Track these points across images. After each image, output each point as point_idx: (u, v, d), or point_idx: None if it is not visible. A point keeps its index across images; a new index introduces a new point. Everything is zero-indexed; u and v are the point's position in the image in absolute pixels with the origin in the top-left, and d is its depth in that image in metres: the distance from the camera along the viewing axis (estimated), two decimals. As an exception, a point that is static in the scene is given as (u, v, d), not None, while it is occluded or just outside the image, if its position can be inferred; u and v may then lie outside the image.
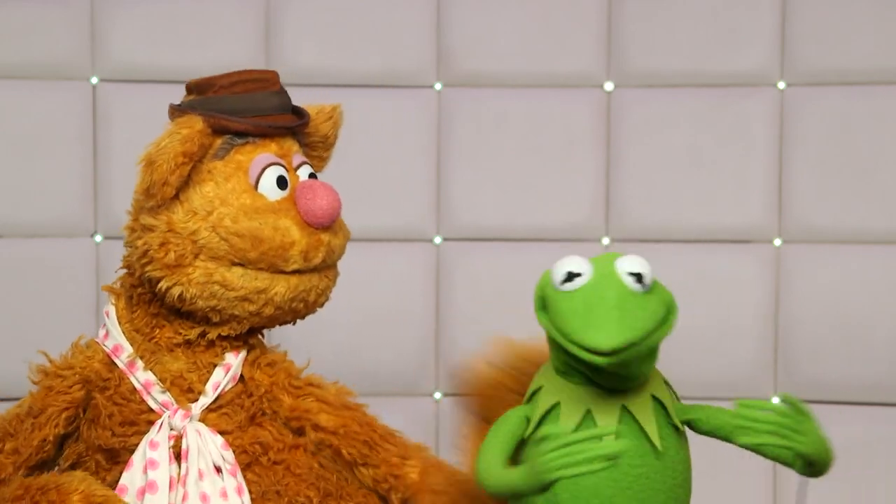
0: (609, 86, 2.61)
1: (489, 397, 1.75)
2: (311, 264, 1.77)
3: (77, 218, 2.60)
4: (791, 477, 1.74)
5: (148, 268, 1.75)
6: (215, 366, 1.80)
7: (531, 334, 2.63)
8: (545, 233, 2.61)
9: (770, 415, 1.54)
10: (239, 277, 1.74)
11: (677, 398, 1.63)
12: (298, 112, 1.85)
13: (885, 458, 2.57)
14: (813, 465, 1.57)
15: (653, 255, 2.60)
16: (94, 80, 2.60)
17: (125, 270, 1.83)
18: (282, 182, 1.77)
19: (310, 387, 1.85)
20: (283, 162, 1.78)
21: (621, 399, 1.56)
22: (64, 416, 1.78)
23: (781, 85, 2.59)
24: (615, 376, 1.55)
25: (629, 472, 1.54)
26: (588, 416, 1.56)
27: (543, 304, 1.59)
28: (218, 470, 1.76)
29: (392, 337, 2.63)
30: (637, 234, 2.61)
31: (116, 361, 1.80)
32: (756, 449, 1.58)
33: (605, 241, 2.61)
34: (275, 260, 1.74)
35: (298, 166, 1.81)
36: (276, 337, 2.63)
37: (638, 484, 1.55)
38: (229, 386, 1.80)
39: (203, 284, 1.74)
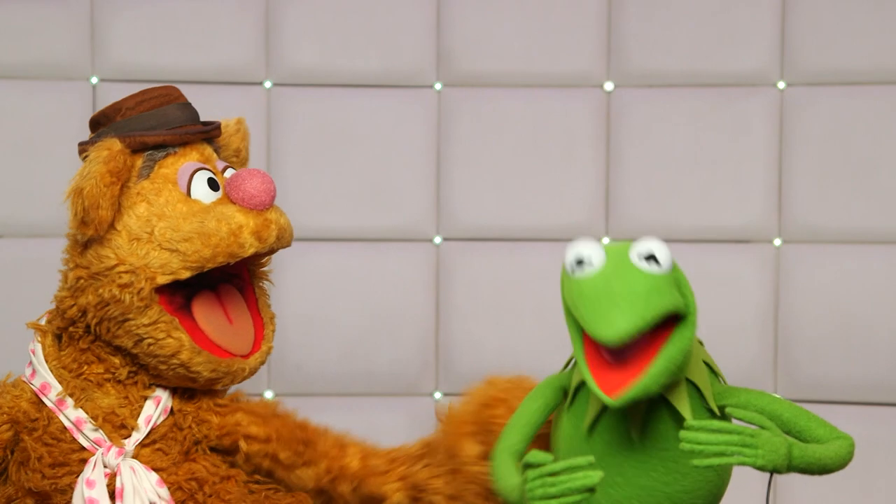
0: (609, 86, 2.61)
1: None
2: (268, 244, 1.73)
3: (77, 218, 2.60)
4: (792, 475, 1.73)
5: (111, 311, 1.72)
6: (146, 399, 1.77)
7: (531, 334, 2.64)
8: (545, 233, 2.61)
9: (717, 435, 1.52)
10: (203, 364, 1.74)
11: (720, 379, 1.63)
12: (207, 123, 1.83)
13: (885, 458, 2.57)
14: (778, 471, 1.55)
15: (653, 255, 2.62)
16: (94, 80, 2.60)
17: (53, 306, 1.80)
18: (213, 184, 1.75)
19: (234, 402, 1.82)
20: (208, 167, 1.77)
21: None
22: None
23: (781, 85, 2.59)
24: None
25: (654, 454, 1.57)
26: None
27: (564, 290, 1.59)
28: None
29: (392, 337, 2.63)
30: (637, 233, 2.59)
31: (45, 400, 1.76)
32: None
33: (605, 241, 2.61)
34: (230, 248, 1.71)
35: (224, 169, 1.79)
36: (275, 337, 2.63)
37: (663, 466, 1.57)
38: (161, 419, 1.77)
39: (167, 357, 1.72)
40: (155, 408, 1.77)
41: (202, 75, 2.59)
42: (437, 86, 2.62)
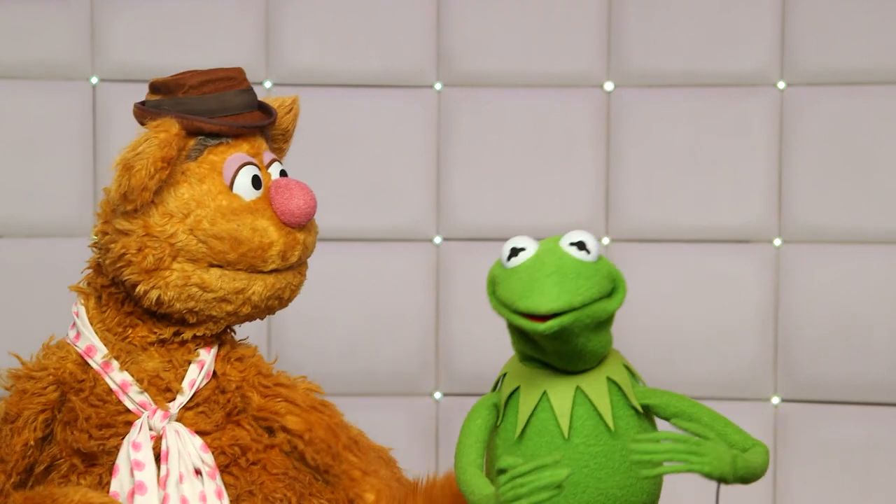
0: (609, 86, 2.61)
1: None
2: (288, 263, 1.77)
3: (77, 218, 2.60)
4: (792, 476, 1.74)
5: (125, 272, 1.74)
6: (190, 363, 1.79)
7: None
8: (545, 233, 2.58)
9: (665, 444, 1.57)
10: (217, 279, 1.74)
11: (640, 381, 1.69)
12: (264, 108, 1.84)
13: (885, 458, 2.57)
14: (725, 480, 1.59)
15: (653, 254, 2.62)
16: (94, 80, 2.60)
17: (90, 270, 1.82)
18: (256, 182, 1.76)
19: (278, 387, 1.84)
20: (255, 161, 1.78)
21: (576, 381, 1.63)
22: (41, 418, 1.77)
23: (781, 85, 2.59)
24: (566, 354, 1.61)
25: (584, 450, 1.61)
26: (544, 398, 1.62)
27: (494, 289, 1.64)
28: (197, 472, 1.75)
29: (392, 337, 2.63)
30: (637, 233, 2.61)
31: (90, 362, 1.78)
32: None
33: (605, 240, 2.61)
34: (253, 261, 1.74)
35: (269, 164, 1.80)
36: (275, 336, 2.64)
37: (594, 462, 1.61)
38: (204, 382, 1.80)
39: (181, 287, 1.73)
40: (199, 371, 1.79)
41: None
42: (437, 86, 2.62)
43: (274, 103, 1.86)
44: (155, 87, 1.80)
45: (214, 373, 1.81)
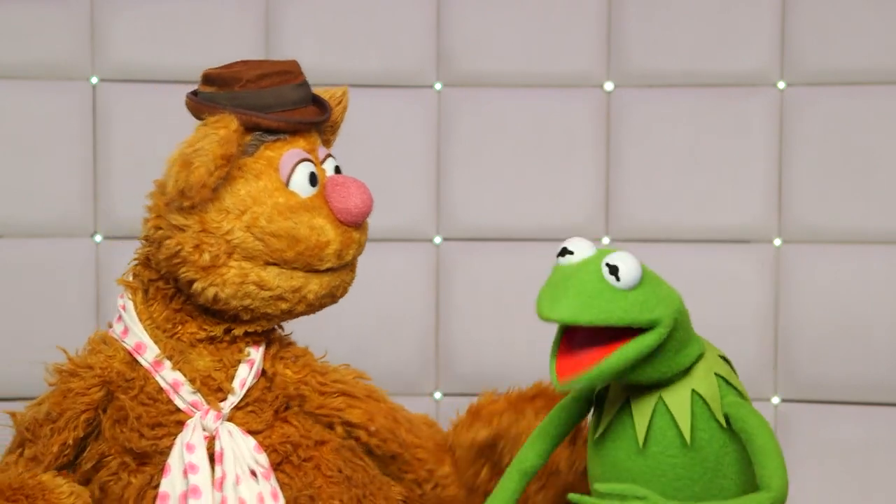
0: (609, 86, 2.61)
1: None
2: (343, 262, 1.76)
3: (77, 218, 2.60)
4: (792, 476, 1.74)
5: (182, 269, 1.71)
6: (240, 362, 1.78)
7: (531, 334, 2.63)
8: (545, 233, 2.61)
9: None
10: (275, 277, 1.72)
11: (740, 394, 1.67)
12: (319, 102, 1.82)
13: (885, 458, 2.57)
14: None
15: (653, 255, 2.61)
16: (94, 80, 2.60)
17: (137, 263, 1.79)
18: (313, 179, 1.75)
19: (335, 383, 1.83)
20: (311, 157, 1.76)
21: (658, 391, 1.62)
22: (83, 418, 1.74)
23: (781, 85, 2.59)
24: (632, 383, 1.61)
25: (663, 460, 1.61)
26: (626, 405, 1.62)
27: None
28: (253, 474, 1.73)
29: (392, 337, 2.63)
30: (637, 234, 2.61)
31: (140, 360, 1.76)
32: None
33: (605, 240, 2.61)
34: (310, 259, 1.73)
35: (324, 160, 1.79)
36: (276, 337, 2.64)
37: (672, 472, 1.61)
38: (254, 382, 1.78)
39: (238, 285, 1.71)
40: (249, 370, 1.78)
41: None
42: (437, 86, 2.62)
43: (324, 95, 1.84)
44: (209, 79, 1.78)
45: (263, 371, 1.80)
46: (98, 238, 2.61)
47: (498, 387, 2.06)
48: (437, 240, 2.64)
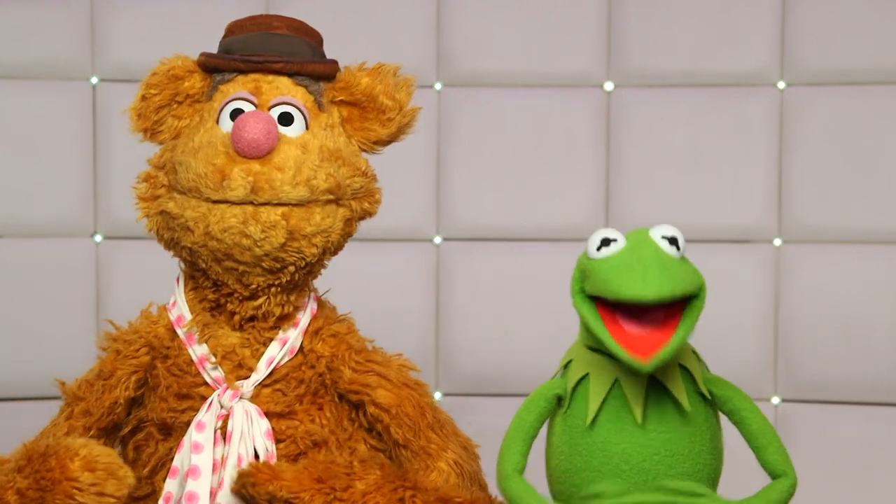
0: (609, 86, 2.61)
1: None
2: (237, 194, 1.68)
3: (77, 218, 2.60)
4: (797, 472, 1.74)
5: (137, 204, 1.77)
6: (272, 340, 1.77)
7: (531, 334, 2.64)
8: (545, 233, 2.61)
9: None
10: (179, 205, 1.72)
11: (707, 368, 1.67)
12: (318, 60, 1.84)
13: (885, 458, 2.57)
14: None
15: (653, 255, 2.62)
16: (94, 80, 2.60)
17: None
18: (234, 115, 1.74)
19: (371, 363, 1.82)
20: (251, 97, 1.75)
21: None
22: (134, 378, 1.76)
23: (781, 85, 2.59)
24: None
25: (657, 437, 1.59)
26: (616, 385, 1.60)
27: (581, 286, 1.59)
28: (256, 457, 1.72)
29: (392, 337, 2.63)
30: (637, 234, 2.61)
31: (178, 331, 1.77)
32: None
33: (605, 241, 2.61)
34: (204, 188, 1.69)
35: (275, 105, 1.76)
36: (276, 337, 2.63)
37: (665, 448, 1.60)
38: (285, 360, 1.77)
39: (157, 214, 1.74)
40: (279, 348, 1.77)
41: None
42: (437, 86, 2.62)
43: (371, 69, 1.89)
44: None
45: (301, 348, 1.79)
46: (98, 238, 2.61)
47: (498, 387, 2.06)
48: (437, 240, 2.64)
